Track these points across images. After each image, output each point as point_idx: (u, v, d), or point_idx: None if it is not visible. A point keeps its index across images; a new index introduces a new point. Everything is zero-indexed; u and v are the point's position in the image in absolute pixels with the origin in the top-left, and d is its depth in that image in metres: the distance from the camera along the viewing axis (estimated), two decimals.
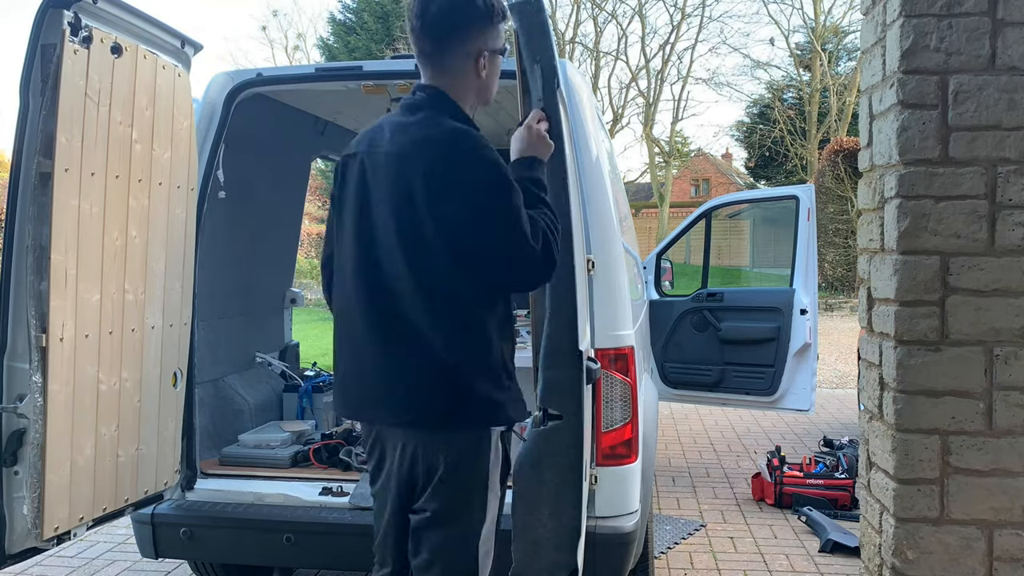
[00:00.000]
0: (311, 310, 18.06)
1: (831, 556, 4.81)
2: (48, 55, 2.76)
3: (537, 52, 2.50)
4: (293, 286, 5.45)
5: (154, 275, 3.30)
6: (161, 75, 3.26)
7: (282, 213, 5.17)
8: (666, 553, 4.85)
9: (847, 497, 5.57)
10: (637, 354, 3.42)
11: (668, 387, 6.44)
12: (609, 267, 3.29)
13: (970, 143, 2.30)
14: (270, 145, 4.68)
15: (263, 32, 49.59)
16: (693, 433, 7.87)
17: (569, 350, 2.44)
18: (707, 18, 35.01)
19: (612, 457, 3.24)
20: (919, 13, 2.30)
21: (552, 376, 2.44)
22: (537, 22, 2.50)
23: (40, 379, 2.77)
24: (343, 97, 4.45)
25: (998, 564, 2.32)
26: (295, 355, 5.30)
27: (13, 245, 2.80)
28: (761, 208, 21.61)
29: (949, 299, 2.31)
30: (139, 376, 3.24)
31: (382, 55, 20.06)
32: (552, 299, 2.46)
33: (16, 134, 2.78)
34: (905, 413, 2.33)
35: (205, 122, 3.75)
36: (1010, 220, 2.29)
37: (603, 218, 3.33)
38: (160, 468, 3.41)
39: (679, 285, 7.26)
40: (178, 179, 3.41)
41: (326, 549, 3.47)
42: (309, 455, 3.99)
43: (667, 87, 30.94)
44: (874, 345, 2.52)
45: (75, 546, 4.98)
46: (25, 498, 2.80)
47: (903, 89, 2.32)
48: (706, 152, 42.20)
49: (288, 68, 4.40)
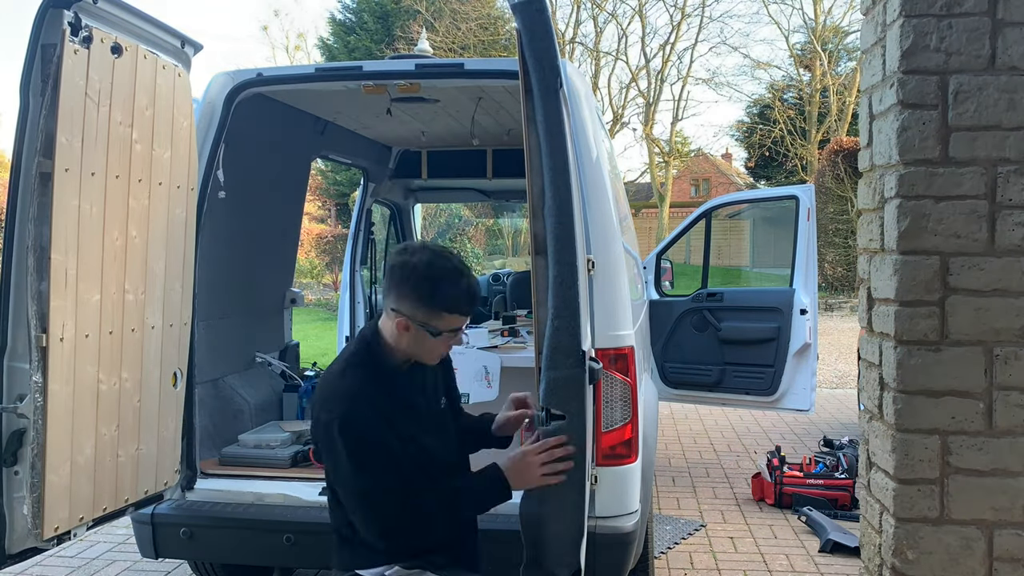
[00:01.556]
0: (311, 310, 18.07)
1: (831, 556, 4.81)
2: (48, 55, 2.76)
3: (539, 52, 2.50)
4: (293, 286, 5.46)
5: (154, 275, 3.30)
6: (161, 75, 3.26)
7: (282, 213, 5.17)
8: (666, 553, 4.85)
9: (847, 497, 5.57)
10: (637, 354, 3.42)
11: (668, 387, 6.44)
12: (609, 267, 3.29)
13: (970, 143, 2.30)
14: (270, 145, 4.68)
15: (264, 32, 49.60)
16: (693, 433, 7.87)
17: (572, 350, 2.44)
18: (707, 18, 34.90)
19: (612, 457, 3.25)
20: (919, 13, 2.30)
21: (555, 376, 2.44)
22: (540, 22, 2.50)
23: (40, 379, 2.77)
24: (343, 97, 4.45)
25: (998, 564, 2.32)
26: (295, 355, 5.30)
27: (13, 245, 2.80)
28: (761, 208, 21.62)
29: (949, 299, 2.31)
30: (139, 376, 3.24)
31: (382, 55, 20.05)
32: (555, 299, 2.46)
33: (16, 134, 2.78)
34: (905, 413, 2.33)
35: (205, 122, 3.75)
36: (1010, 220, 2.29)
37: (603, 218, 3.33)
38: (160, 468, 3.41)
39: (679, 285, 7.26)
40: (178, 179, 3.41)
41: (326, 549, 3.47)
42: (309, 455, 3.99)
43: (667, 87, 30.81)
44: (874, 345, 2.52)
45: (75, 546, 4.98)
46: (25, 498, 2.80)
47: (903, 89, 2.32)
48: (706, 152, 42.18)
49: (288, 68, 4.40)
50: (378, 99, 4.33)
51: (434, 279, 2.41)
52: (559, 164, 2.52)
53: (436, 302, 2.41)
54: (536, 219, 2.60)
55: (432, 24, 25.83)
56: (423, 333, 2.44)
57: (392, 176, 6.72)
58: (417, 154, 6.64)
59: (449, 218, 20.85)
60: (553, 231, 2.52)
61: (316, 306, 18.79)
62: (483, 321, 5.94)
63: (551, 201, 2.52)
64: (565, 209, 2.49)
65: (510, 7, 2.54)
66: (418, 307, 2.41)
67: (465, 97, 4.64)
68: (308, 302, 18.70)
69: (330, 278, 21.87)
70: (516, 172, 6.00)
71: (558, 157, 2.51)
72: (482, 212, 23.01)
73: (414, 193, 7.52)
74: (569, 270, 2.46)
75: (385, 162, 6.62)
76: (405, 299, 2.42)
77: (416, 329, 2.43)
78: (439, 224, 20.55)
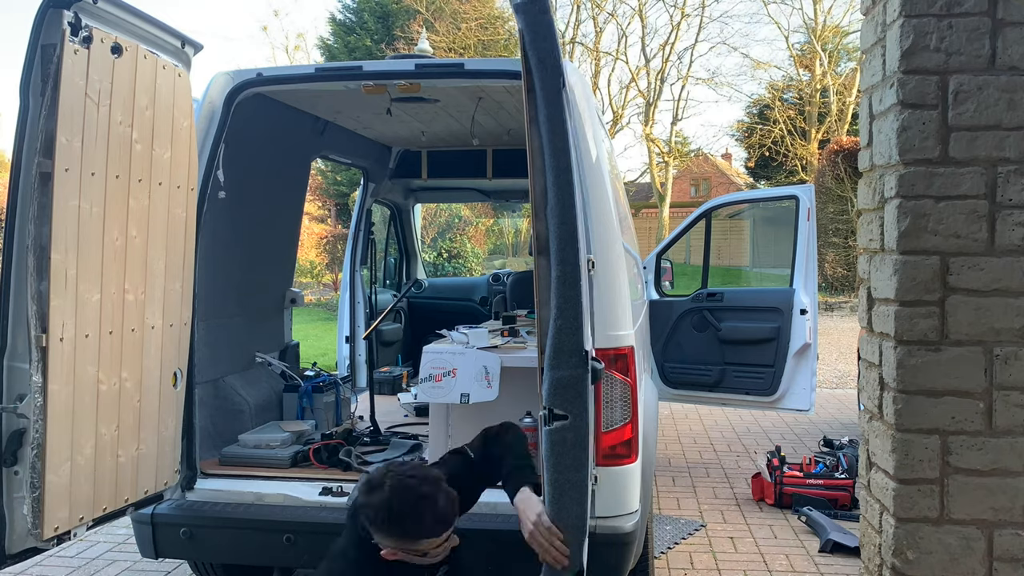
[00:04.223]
0: (311, 310, 18.08)
1: (831, 556, 4.81)
2: (48, 55, 2.76)
3: (542, 52, 2.50)
4: (293, 286, 5.45)
5: (154, 275, 3.30)
6: (161, 75, 3.26)
7: (282, 213, 5.17)
8: (666, 553, 4.85)
9: (847, 497, 5.57)
10: (637, 354, 3.42)
11: (668, 387, 6.44)
12: (609, 267, 3.29)
13: (970, 143, 2.30)
14: (270, 145, 4.68)
15: (264, 32, 49.61)
16: (693, 433, 7.87)
17: (575, 350, 2.45)
18: (707, 18, 34.96)
19: (612, 457, 3.24)
20: (919, 13, 2.30)
21: (559, 376, 2.44)
22: (543, 22, 2.50)
23: (40, 379, 2.77)
24: (343, 97, 4.45)
25: (998, 564, 2.32)
26: (295, 355, 5.30)
27: (13, 245, 2.80)
28: (761, 208, 21.63)
29: (949, 299, 2.31)
30: (139, 376, 3.24)
31: (382, 55, 20.06)
32: (558, 299, 2.46)
33: (16, 134, 2.78)
34: (905, 413, 2.33)
35: (205, 122, 3.75)
36: (1010, 220, 2.29)
37: (603, 218, 3.33)
38: (160, 468, 3.41)
39: (679, 285, 7.26)
40: (178, 179, 3.41)
41: (326, 549, 3.47)
42: (309, 455, 3.99)
43: (667, 87, 30.80)
44: (874, 345, 2.52)
45: (75, 546, 4.98)
46: (25, 498, 2.80)
47: (903, 89, 2.32)
48: (706, 152, 42.16)
49: (288, 68, 4.40)
50: (378, 99, 4.33)
51: (399, 518, 2.47)
52: (562, 164, 2.52)
53: (410, 537, 2.49)
54: (538, 219, 2.60)
55: (432, 24, 25.82)
56: (411, 556, 2.54)
57: (392, 176, 6.72)
58: (417, 154, 6.64)
59: (449, 218, 20.85)
60: (556, 231, 2.52)
61: (316, 306, 18.80)
62: (483, 321, 5.94)
63: (554, 201, 2.52)
64: (568, 209, 2.49)
65: (512, 8, 2.54)
66: (396, 541, 2.51)
67: (465, 97, 4.64)
68: (308, 302, 18.71)
69: (330, 278, 21.88)
70: (516, 172, 6.04)
71: (561, 157, 2.51)
72: (482, 212, 23.01)
73: (414, 193, 7.53)
74: (572, 270, 2.46)
75: (385, 162, 6.62)
76: (384, 538, 2.52)
77: (403, 554, 2.53)
78: (439, 224, 20.55)
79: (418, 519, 2.44)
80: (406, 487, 2.46)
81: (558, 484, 2.50)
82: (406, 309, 7.39)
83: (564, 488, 2.48)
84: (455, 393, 3.72)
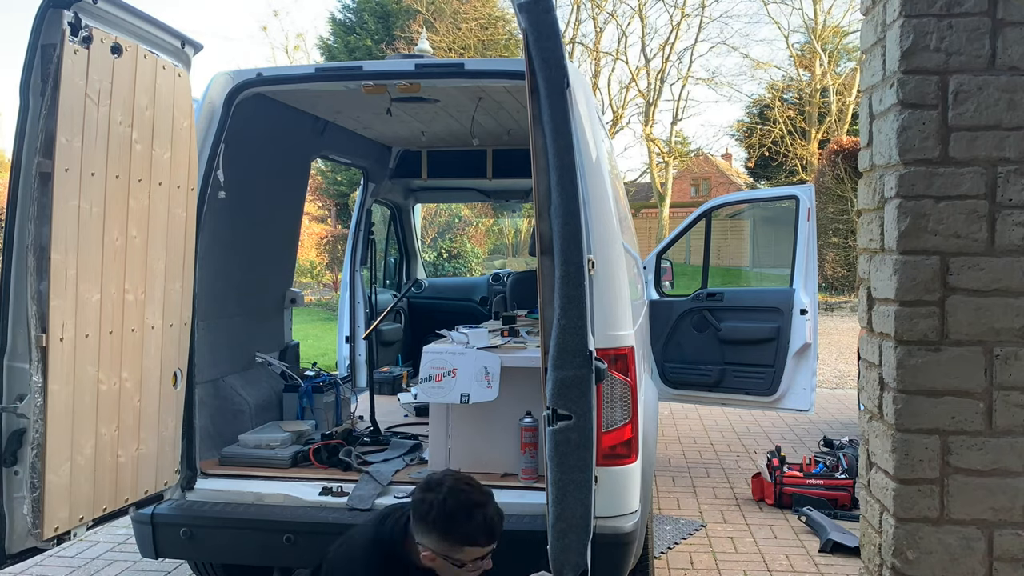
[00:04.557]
0: (311, 310, 18.07)
1: (831, 556, 4.81)
2: (48, 55, 2.76)
3: (546, 52, 2.50)
4: (293, 286, 5.45)
5: (154, 275, 3.30)
6: (161, 75, 3.26)
7: (282, 213, 5.17)
8: (666, 553, 4.85)
9: (847, 497, 5.57)
10: (637, 354, 3.42)
11: (668, 387, 6.44)
12: (609, 267, 3.29)
13: (970, 143, 2.30)
14: (270, 145, 4.68)
15: (263, 32, 49.61)
16: (693, 433, 7.87)
17: (579, 350, 2.44)
18: (707, 18, 34.93)
19: (612, 457, 3.24)
20: (919, 13, 2.30)
21: (563, 376, 2.44)
22: (546, 22, 2.50)
23: (40, 379, 2.77)
24: (343, 97, 4.45)
25: (998, 564, 2.32)
26: (295, 355, 5.30)
27: (13, 245, 2.80)
28: (761, 208, 21.63)
29: (949, 299, 2.31)
30: (139, 376, 3.24)
31: (382, 55, 20.05)
32: (562, 299, 2.46)
33: (16, 134, 2.78)
34: (905, 413, 2.33)
35: (205, 122, 3.75)
36: (1010, 220, 2.29)
37: (603, 218, 3.33)
38: (160, 468, 3.41)
39: (679, 285, 7.26)
40: (178, 179, 3.41)
41: (326, 549, 3.47)
42: (309, 455, 3.99)
43: (667, 87, 30.78)
44: (874, 345, 2.52)
45: (75, 546, 4.98)
46: (25, 498, 2.80)
47: (903, 89, 2.32)
48: (706, 152, 42.16)
49: (288, 68, 4.40)
50: (378, 99, 4.33)
51: (451, 516, 2.52)
52: (566, 163, 2.51)
53: (455, 538, 2.53)
54: (542, 219, 2.60)
55: (432, 24, 25.82)
56: (448, 563, 2.56)
57: (392, 176, 6.72)
58: (417, 154, 6.64)
59: (449, 218, 20.84)
60: (560, 231, 2.51)
61: (316, 306, 18.79)
62: (483, 321, 5.94)
63: (558, 201, 2.52)
64: (572, 209, 2.49)
65: (516, 7, 2.54)
66: (440, 542, 2.54)
67: (465, 97, 4.64)
68: (308, 302, 18.70)
69: (330, 278, 21.87)
70: (516, 172, 6.04)
71: (565, 157, 2.51)
72: (482, 212, 23.00)
73: (414, 193, 7.53)
74: (576, 270, 2.46)
75: (385, 162, 6.62)
76: (427, 534, 2.56)
77: (441, 560, 2.56)
78: (439, 224, 20.54)
79: (470, 519, 2.52)
80: (463, 491, 2.57)
81: (562, 484, 2.50)
82: (406, 309, 7.39)
83: (568, 488, 2.48)
84: (455, 393, 3.73)
